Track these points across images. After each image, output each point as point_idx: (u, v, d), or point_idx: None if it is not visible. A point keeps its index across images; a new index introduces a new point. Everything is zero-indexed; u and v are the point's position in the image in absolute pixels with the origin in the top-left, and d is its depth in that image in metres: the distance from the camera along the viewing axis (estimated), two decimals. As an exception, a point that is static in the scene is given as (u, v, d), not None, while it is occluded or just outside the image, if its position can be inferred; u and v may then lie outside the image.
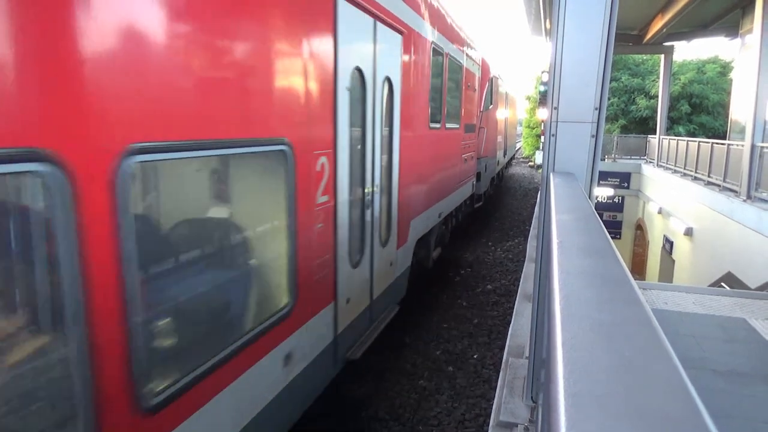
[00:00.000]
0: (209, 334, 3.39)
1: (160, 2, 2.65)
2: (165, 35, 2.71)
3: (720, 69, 30.12)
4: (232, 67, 3.26)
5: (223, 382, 3.29)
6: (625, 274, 1.29)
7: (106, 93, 2.33)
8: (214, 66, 3.11)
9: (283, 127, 3.86)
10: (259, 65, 3.57)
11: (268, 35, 3.65)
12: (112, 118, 2.37)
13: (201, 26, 2.97)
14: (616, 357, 0.85)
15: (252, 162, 3.76)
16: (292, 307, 4.08)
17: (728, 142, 15.83)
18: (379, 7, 5.68)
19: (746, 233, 11.79)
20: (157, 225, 3.08)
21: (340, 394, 6.48)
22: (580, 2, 3.46)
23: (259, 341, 3.67)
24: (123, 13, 2.43)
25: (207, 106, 3.02)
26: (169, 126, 2.74)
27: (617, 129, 30.65)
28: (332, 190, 4.76)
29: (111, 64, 2.35)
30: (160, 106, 2.66)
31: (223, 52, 3.19)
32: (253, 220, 3.96)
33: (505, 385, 4.25)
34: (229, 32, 3.22)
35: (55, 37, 2.10)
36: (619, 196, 25.16)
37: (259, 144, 3.63)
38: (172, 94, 2.76)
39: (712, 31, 22.78)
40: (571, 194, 2.83)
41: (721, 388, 4.38)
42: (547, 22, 20.78)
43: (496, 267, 13.21)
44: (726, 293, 7.64)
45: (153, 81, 2.60)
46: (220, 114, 3.14)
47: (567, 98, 3.59)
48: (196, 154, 3.03)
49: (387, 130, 6.35)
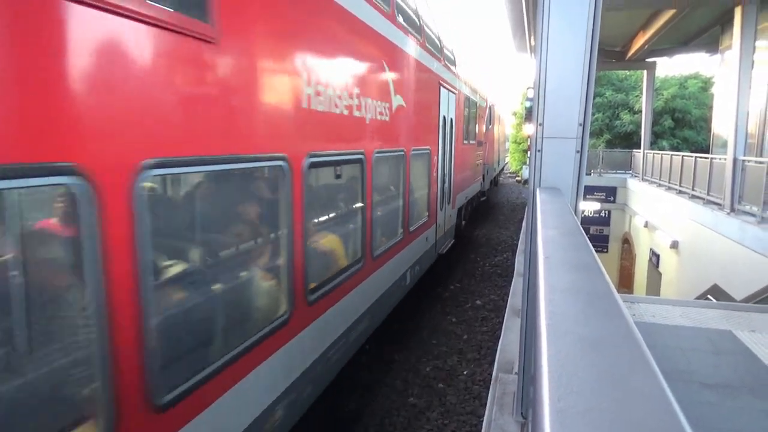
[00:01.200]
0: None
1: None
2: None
3: (701, 84, 30.65)
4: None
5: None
6: (609, 288, 1.31)
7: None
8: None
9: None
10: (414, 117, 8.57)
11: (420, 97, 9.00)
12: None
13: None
14: (600, 372, 0.85)
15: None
16: (428, 218, 9.99)
17: (711, 156, 16.06)
18: (449, 84, 11.42)
19: (731, 246, 11.93)
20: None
21: (330, 412, 6.42)
22: (563, 20, 3.52)
23: (423, 232, 9.61)
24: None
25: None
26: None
27: (602, 144, 30.99)
28: (436, 172, 10.53)
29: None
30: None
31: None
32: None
33: (495, 401, 4.23)
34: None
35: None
36: (605, 210, 25.37)
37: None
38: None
39: (692, 48, 23.26)
40: (557, 209, 2.86)
41: (710, 400, 4.40)
42: (531, 39, 21.09)
43: (485, 282, 13.23)
44: (712, 305, 7.70)
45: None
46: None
47: (552, 114, 3.64)
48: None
49: (449, 145, 11.79)
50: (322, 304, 4.98)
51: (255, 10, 3.79)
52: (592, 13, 3.44)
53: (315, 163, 4.73)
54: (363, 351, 6.39)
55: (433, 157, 10.10)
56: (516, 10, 18.62)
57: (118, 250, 2.60)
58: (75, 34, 2.33)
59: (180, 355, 3.26)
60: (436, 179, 10.57)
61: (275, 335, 4.11)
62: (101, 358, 2.53)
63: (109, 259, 2.54)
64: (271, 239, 4.37)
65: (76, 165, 2.35)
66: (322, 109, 4.78)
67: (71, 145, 2.35)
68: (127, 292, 2.65)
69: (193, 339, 3.46)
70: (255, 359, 3.86)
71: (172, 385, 3.03)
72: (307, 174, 4.53)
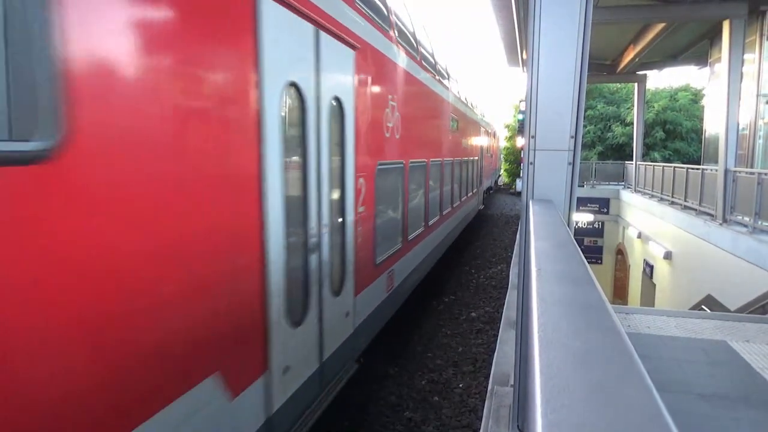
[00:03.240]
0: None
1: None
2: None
3: (692, 96, 31.02)
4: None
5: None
6: (602, 300, 1.31)
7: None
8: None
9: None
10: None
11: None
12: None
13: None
14: (592, 385, 0.85)
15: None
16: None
17: (702, 167, 16.21)
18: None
19: (723, 256, 12.00)
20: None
21: (324, 430, 6.35)
22: (554, 34, 3.56)
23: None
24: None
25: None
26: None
27: (595, 156, 31.23)
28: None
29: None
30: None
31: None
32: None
33: (491, 414, 4.21)
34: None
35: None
36: (599, 222, 25.50)
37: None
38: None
39: (682, 61, 23.55)
40: (550, 221, 2.87)
41: (706, 412, 4.39)
42: (523, 53, 21.30)
43: (479, 294, 13.21)
44: (707, 316, 7.71)
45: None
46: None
47: (543, 127, 3.67)
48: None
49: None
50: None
51: None
52: (583, 27, 3.49)
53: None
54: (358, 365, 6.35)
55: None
56: (508, 25, 18.83)
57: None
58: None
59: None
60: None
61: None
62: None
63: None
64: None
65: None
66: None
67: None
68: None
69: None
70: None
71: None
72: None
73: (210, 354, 3.16)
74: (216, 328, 3.20)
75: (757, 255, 10.39)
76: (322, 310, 4.86)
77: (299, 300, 4.46)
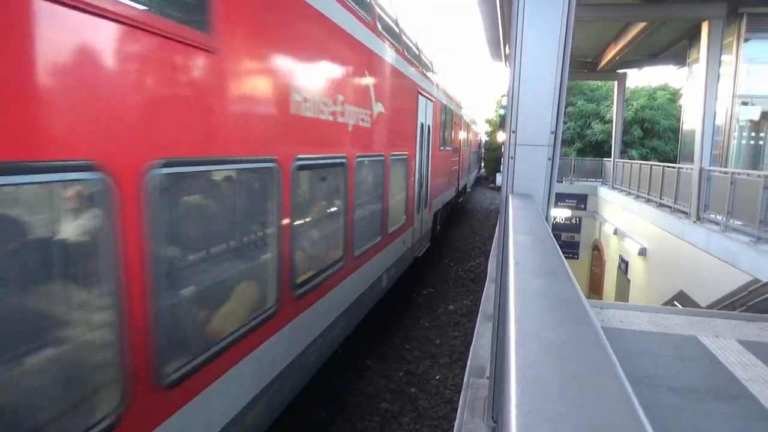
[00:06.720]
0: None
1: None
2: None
3: (670, 96, 31.43)
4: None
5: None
6: (577, 294, 1.33)
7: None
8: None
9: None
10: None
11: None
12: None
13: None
14: (567, 375, 0.87)
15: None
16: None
17: (678, 165, 16.47)
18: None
19: (696, 253, 12.24)
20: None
21: (301, 419, 6.36)
22: (537, 31, 3.58)
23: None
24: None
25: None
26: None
27: (574, 152, 31.50)
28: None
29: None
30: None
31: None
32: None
33: (467, 405, 4.25)
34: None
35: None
36: (576, 217, 25.78)
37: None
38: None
39: (661, 60, 23.87)
40: (529, 216, 2.90)
41: (676, 405, 4.49)
42: (506, 48, 21.38)
43: (458, 287, 13.31)
44: (678, 312, 7.87)
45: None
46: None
47: (524, 122, 3.69)
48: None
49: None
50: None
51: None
52: (565, 25, 3.52)
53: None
54: (336, 356, 6.37)
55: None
56: (491, 20, 18.86)
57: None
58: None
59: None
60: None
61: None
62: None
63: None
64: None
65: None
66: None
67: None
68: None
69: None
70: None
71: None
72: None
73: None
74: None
75: (728, 253, 10.63)
76: None
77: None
